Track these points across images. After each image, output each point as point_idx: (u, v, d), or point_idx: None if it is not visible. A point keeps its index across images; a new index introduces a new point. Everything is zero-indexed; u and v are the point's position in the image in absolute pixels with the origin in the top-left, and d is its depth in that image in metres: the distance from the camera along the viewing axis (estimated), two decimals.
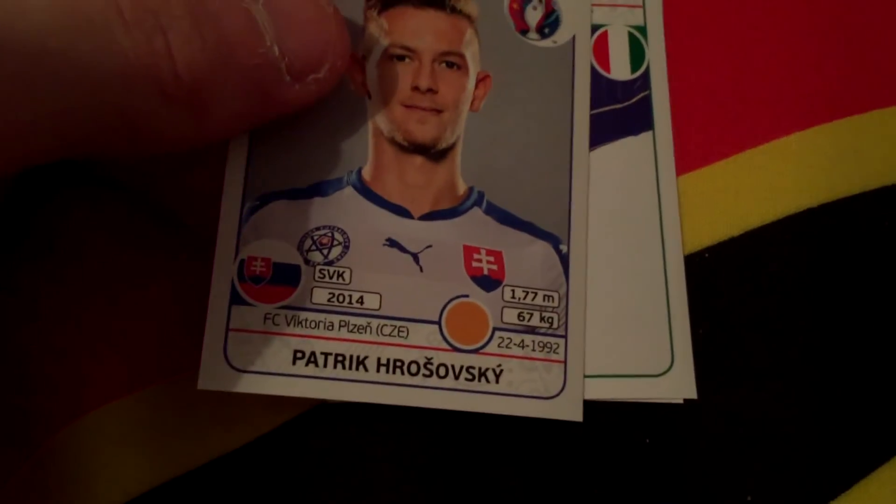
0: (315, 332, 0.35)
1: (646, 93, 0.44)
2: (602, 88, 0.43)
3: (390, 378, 0.36)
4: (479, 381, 0.37)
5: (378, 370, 0.36)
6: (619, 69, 0.44)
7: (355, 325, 0.36)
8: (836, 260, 0.42)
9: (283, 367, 0.34)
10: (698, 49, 0.44)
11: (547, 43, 0.41)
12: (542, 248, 0.39)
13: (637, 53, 0.44)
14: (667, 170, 0.43)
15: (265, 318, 0.35)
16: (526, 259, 0.39)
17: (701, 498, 0.39)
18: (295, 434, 0.38)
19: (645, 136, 0.43)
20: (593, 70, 0.43)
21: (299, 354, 0.35)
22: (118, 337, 0.38)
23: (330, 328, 0.35)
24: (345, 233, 0.36)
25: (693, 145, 0.43)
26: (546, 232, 0.39)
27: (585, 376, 0.39)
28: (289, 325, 0.35)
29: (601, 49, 0.44)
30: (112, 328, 0.38)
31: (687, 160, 0.43)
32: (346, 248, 0.36)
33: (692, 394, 0.40)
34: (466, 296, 0.38)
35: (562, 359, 0.39)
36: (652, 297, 0.41)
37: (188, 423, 0.38)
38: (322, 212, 0.36)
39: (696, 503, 0.39)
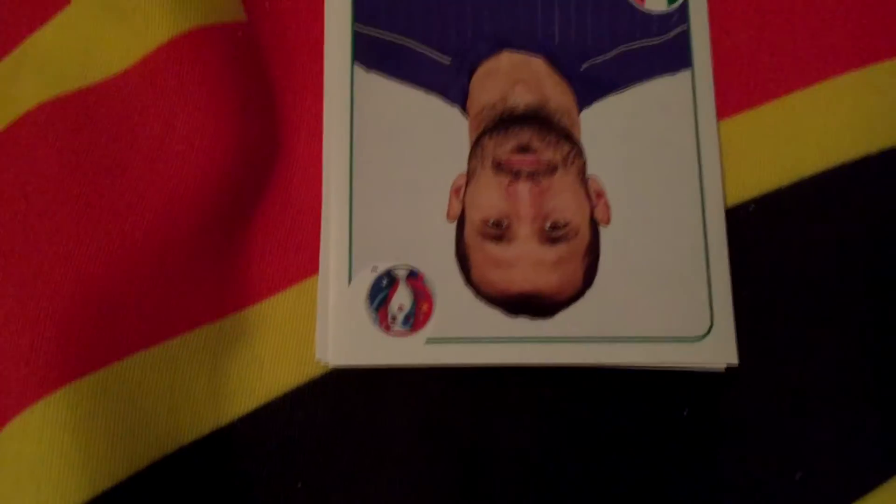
0: None
1: (683, 27, 0.40)
2: (635, 22, 0.39)
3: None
4: None
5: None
6: (655, 0, 0.40)
7: None
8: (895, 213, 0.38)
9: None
10: None
11: None
12: None
13: None
14: (707, 113, 0.39)
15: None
16: None
17: (744, 476, 0.35)
18: (316, 393, 0.36)
19: (683, 76, 0.39)
20: (625, 2, 0.39)
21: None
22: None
23: None
24: None
25: (737, 86, 0.39)
26: None
27: (615, 339, 0.36)
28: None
29: None
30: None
31: (730, 102, 0.39)
32: None
33: (733, 359, 0.36)
34: None
35: None
36: (690, 254, 0.37)
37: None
38: None
39: (738, 482, 0.35)
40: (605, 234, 0.37)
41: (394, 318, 0.37)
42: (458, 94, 0.39)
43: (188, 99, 0.36)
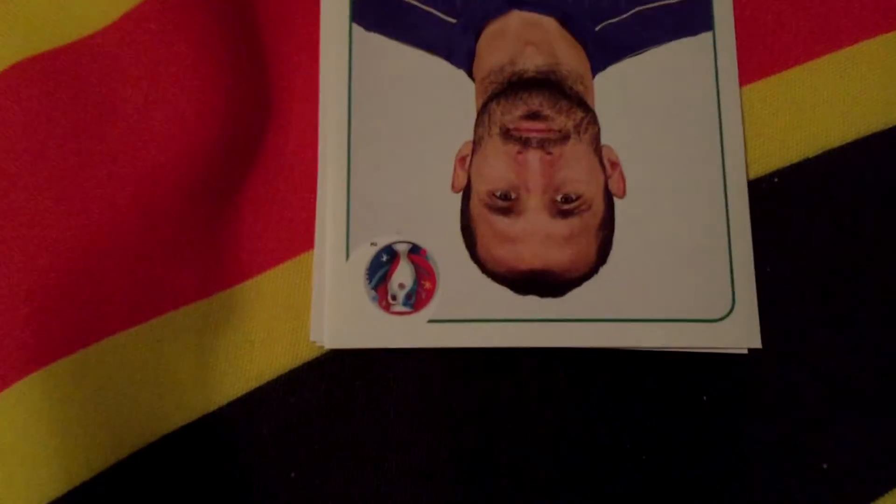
0: None
1: None
2: None
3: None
4: None
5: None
6: None
7: None
8: None
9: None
10: None
11: None
12: None
13: None
14: (729, 78, 0.37)
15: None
16: None
17: (768, 466, 0.34)
18: (311, 376, 0.35)
19: (703, 38, 0.37)
20: None
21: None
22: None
23: None
24: None
25: (761, 49, 0.37)
26: None
27: (629, 320, 0.34)
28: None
29: None
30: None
31: (753, 67, 0.37)
32: None
33: (756, 342, 0.34)
34: None
35: None
36: (710, 229, 0.35)
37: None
38: None
39: (762, 472, 0.34)
40: (620, 208, 0.35)
41: (394, 297, 0.35)
42: (463, 57, 0.36)
43: (173, 59, 0.34)
